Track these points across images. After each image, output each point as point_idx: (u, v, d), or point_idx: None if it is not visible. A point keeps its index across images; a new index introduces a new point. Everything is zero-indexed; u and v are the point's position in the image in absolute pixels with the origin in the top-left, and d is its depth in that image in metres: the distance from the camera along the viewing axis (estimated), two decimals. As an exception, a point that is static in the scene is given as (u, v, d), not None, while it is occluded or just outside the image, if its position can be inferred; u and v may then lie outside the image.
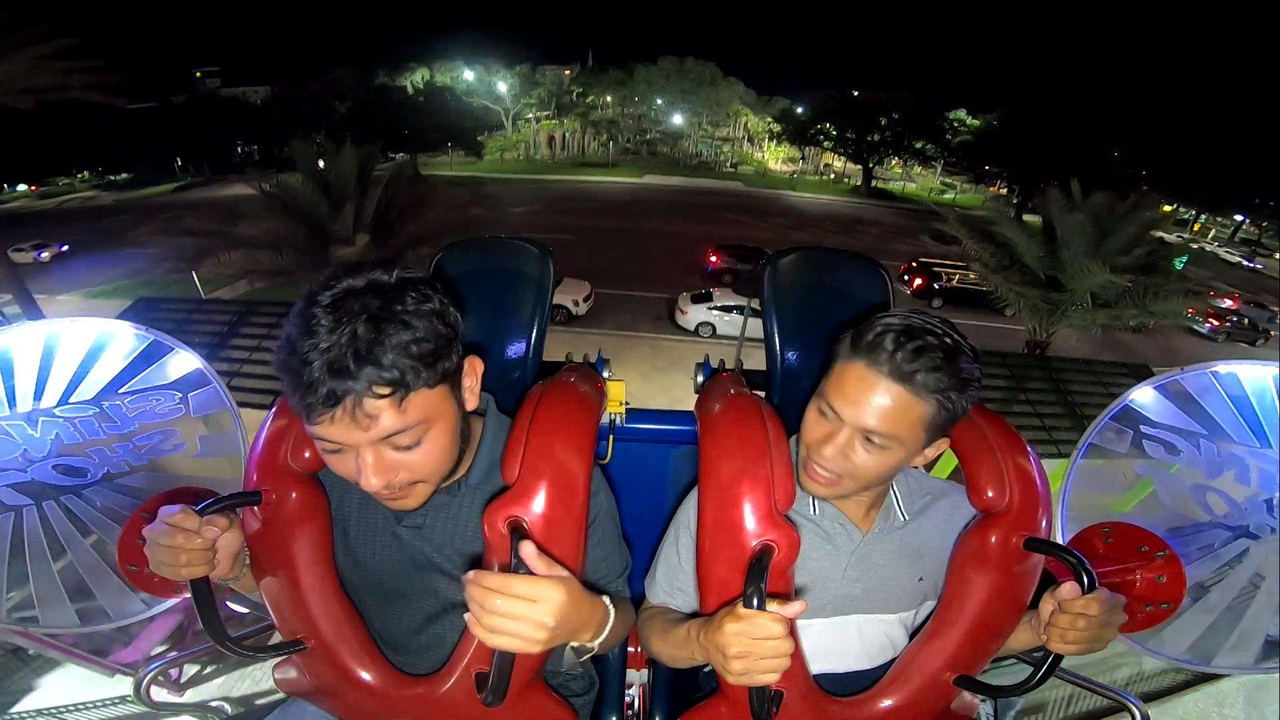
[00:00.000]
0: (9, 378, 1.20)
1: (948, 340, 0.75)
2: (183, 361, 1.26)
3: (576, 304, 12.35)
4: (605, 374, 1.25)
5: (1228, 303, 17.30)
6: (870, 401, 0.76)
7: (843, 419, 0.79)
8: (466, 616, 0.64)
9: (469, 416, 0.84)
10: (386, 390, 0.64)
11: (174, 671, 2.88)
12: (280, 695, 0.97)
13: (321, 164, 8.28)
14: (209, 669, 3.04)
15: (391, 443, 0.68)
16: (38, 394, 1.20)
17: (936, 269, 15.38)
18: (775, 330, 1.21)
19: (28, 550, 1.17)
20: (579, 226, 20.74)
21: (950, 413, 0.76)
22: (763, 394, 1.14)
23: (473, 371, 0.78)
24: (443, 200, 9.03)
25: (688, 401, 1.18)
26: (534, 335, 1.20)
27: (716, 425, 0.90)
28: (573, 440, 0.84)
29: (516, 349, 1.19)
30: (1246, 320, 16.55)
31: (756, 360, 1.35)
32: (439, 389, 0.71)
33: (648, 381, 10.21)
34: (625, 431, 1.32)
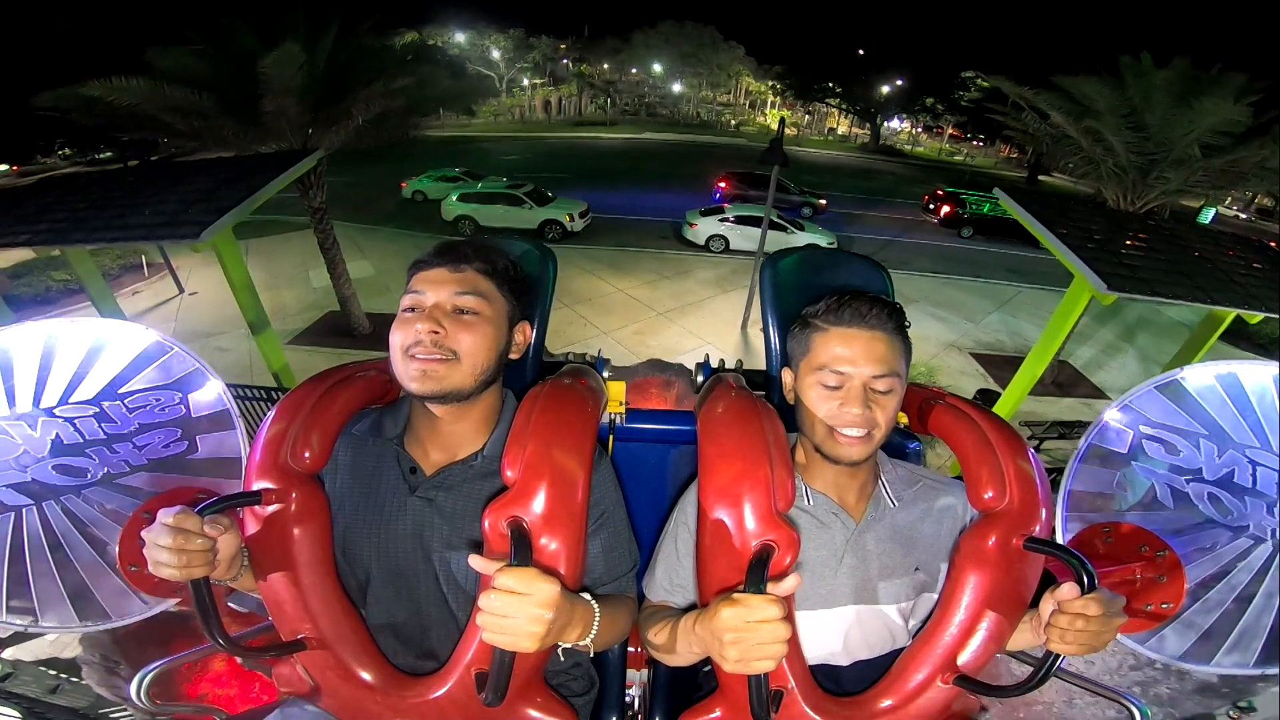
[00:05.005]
0: (9, 378, 1.20)
1: (870, 294, 0.90)
2: (182, 362, 1.26)
3: (571, 219, 12.23)
4: (605, 374, 1.25)
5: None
6: (867, 352, 0.86)
7: (850, 376, 0.87)
8: (478, 619, 0.66)
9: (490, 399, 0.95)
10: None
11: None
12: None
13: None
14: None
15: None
16: (37, 394, 1.20)
17: (964, 196, 13.68)
18: (775, 330, 1.21)
19: (28, 550, 1.17)
20: (576, 168, 20.17)
21: (908, 344, 0.91)
22: (762, 394, 1.14)
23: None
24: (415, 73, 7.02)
25: (701, 307, 1.17)
26: (534, 335, 1.20)
27: (716, 425, 0.90)
28: (572, 440, 0.84)
29: None
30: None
31: (756, 360, 1.34)
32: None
33: (655, 289, 9.91)
34: (625, 431, 1.32)
